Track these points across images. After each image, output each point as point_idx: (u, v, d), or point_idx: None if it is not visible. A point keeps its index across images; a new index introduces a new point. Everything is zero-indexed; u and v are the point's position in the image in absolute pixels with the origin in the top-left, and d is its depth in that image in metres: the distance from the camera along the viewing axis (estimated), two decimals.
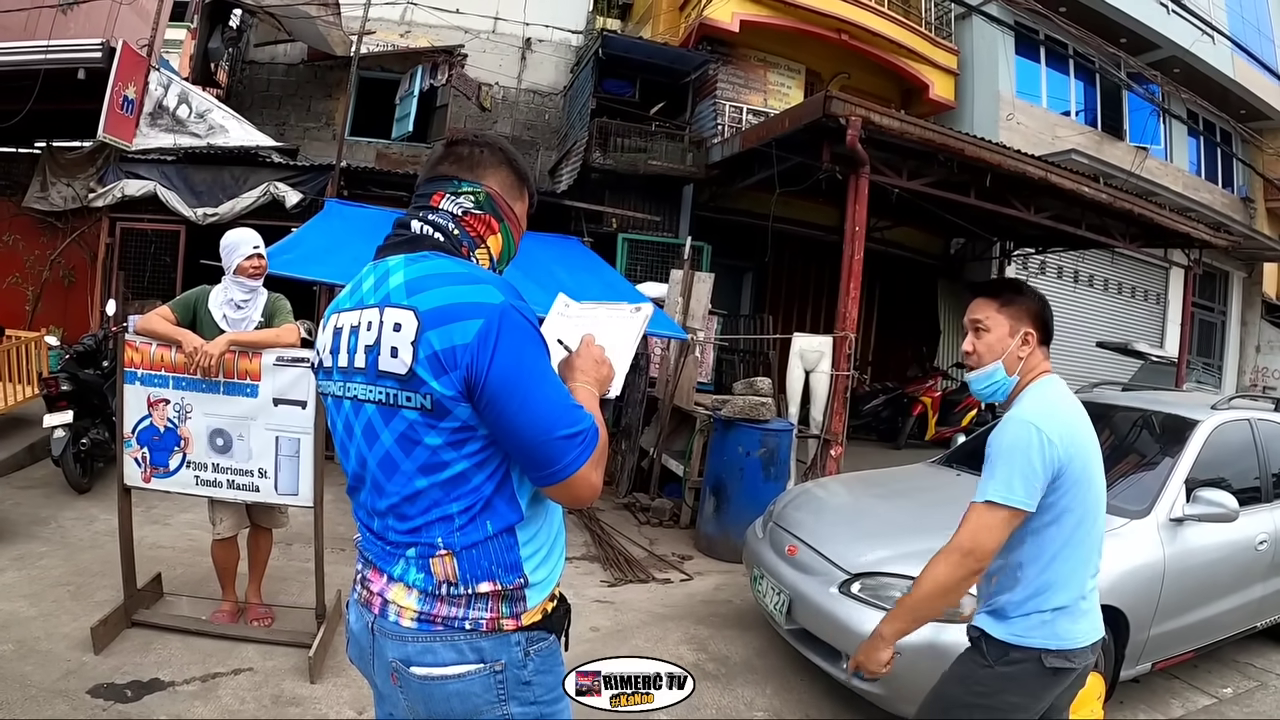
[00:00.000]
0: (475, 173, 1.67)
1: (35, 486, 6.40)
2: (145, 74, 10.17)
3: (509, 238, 1.73)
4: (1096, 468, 2.19)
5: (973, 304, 2.33)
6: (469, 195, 1.65)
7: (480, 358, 1.40)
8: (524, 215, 1.78)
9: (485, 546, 1.49)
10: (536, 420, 1.41)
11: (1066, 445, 2.08)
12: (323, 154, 12.05)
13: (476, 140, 1.72)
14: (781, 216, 10.31)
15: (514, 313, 1.44)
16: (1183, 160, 16.58)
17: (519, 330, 1.43)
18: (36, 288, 10.33)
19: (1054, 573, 2.14)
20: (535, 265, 7.82)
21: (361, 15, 11.13)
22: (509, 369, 1.41)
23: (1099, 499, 2.21)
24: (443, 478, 1.48)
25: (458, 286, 1.47)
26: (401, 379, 1.45)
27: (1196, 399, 5.47)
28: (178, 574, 4.69)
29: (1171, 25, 14.63)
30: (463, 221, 1.65)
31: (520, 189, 1.74)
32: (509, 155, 1.73)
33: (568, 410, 1.45)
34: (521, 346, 1.43)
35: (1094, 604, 2.23)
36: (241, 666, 3.74)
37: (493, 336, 1.41)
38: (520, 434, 1.43)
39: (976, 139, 8.66)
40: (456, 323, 1.42)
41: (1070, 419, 2.17)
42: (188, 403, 3.81)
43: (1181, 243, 11.54)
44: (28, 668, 3.55)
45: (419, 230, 1.61)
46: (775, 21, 12.39)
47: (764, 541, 4.51)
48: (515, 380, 1.41)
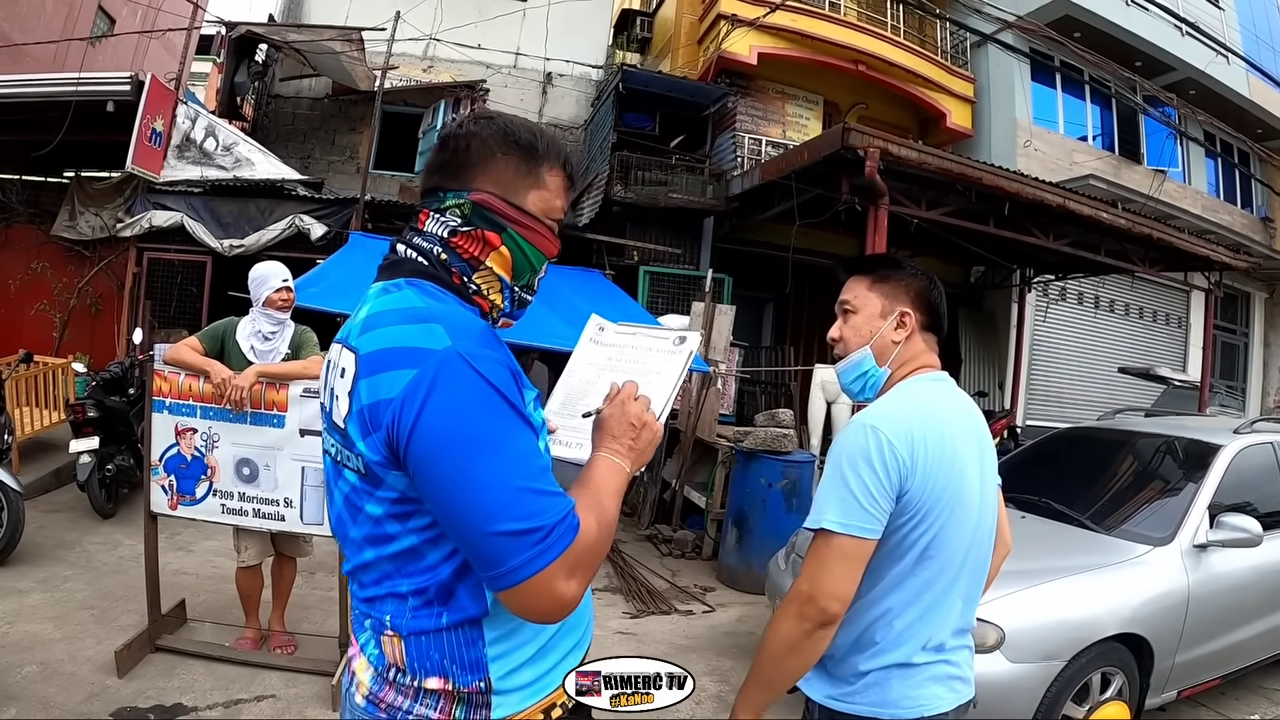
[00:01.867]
0: (461, 177, 1.33)
1: (60, 510, 6.47)
2: (173, 107, 10.36)
3: (521, 247, 1.35)
4: (966, 490, 1.72)
5: (845, 284, 1.92)
6: (454, 210, 1.32)
7: (403, 418, 1.12)
8: (547, 204, 1.37)
9: (438, 637, 1.22)
10: (470, 506, 1.09)
11: (915, 454, 1.63)
12: (347, 187, 12.19)
13: (463, 130, 1.37)
14: (802, 248, 10.33)
15: (457, 362, 1.13)
16: (1201, 182, 16.49)
17: (460, 385, 1.12)
18: (64, 315, 10.46)
19: (889, 619, 1.69)
20: (557, 298, 7.87)
21: (385, 51, 11.32)
22: (437, 435, 1.11)
23: (972, 530, 1.74)
24: (390, 551, 1.22)
25: (400, 327, 1.19)
26: (342, 434, 1.23)
27: (1219, 423, 5.44)
28: (201, 600, 4.72)
29: (1186, 47, 14.62)
30: (451, 244, 1.32)
31: (530, 172, 1.35)
32: (507, 134, 1.34)
33: (519, 496, 1.10)
34: (459, 406, 1.11)
35: (957, 663, 1.76)
36: (264, 693, 3.76)
37: (421, 392, 1.11)
38: (452, 520, 1.13)
39: (994, 167, 8.68)
40: (385, 373, 1.15)
41: (929, 423, 1.70)
42: (215, 432, 3.86)
43: (1201, 265, 11.46)
44: (52, 689, 3.59)
45: (401, 253, 1.35)
46: (793, 54, 12.49)
47: (786, 573, 4.49)
48: (445, 450, 1.10)
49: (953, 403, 1.81)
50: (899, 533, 1.65)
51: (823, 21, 12.56)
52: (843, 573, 1.60)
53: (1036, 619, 3.40)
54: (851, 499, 1.61)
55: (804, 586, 1.62)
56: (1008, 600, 3.42)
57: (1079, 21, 13.72)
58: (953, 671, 1.73)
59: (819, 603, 1.59)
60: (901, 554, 1.67)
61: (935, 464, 1.65)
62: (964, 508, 1.71)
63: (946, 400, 1.81)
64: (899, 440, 1.63)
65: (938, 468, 1.66)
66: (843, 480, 1.63)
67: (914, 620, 1.68)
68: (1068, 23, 13.62)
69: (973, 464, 1.76)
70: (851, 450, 1.65)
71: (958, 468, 1.70)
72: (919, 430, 1.66)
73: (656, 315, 9.55)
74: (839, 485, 1.63)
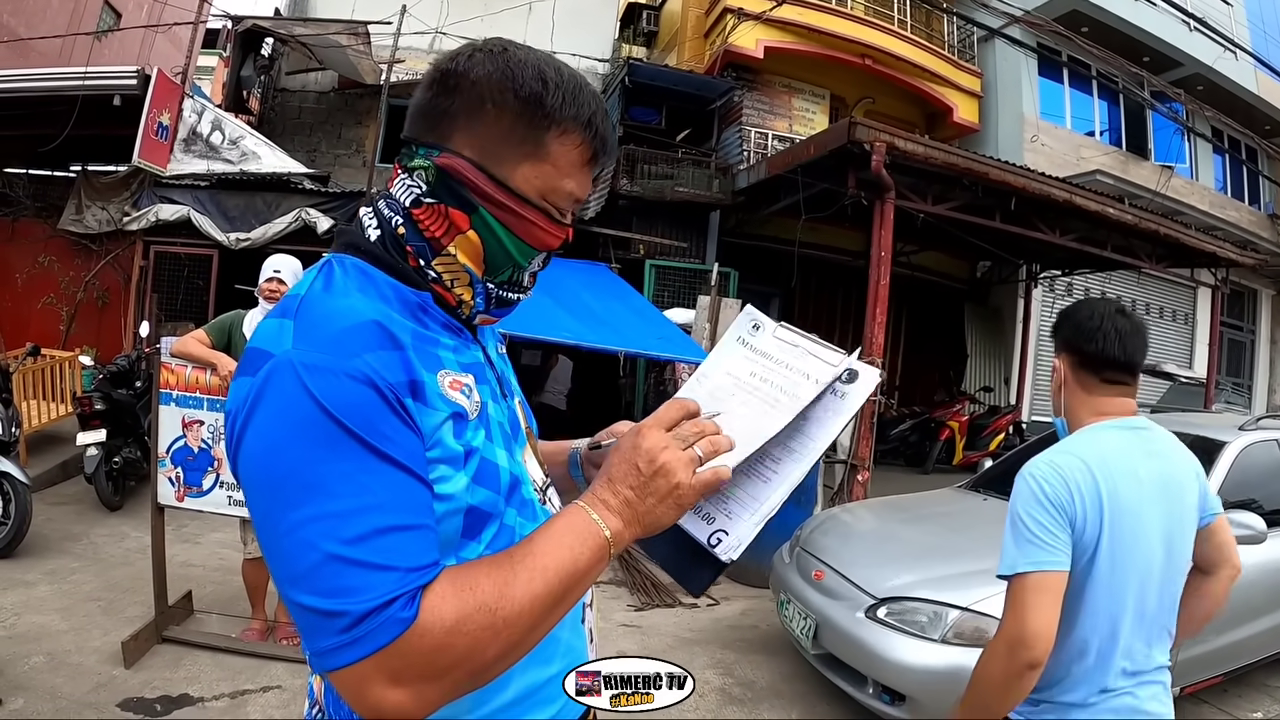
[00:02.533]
0: (438, 129, 1.02)
1: (68, 503, 6.50)
2: (179, 101, 10.38)
3: (496, 234, 1.02)
4: (1135, 533, 1.72)
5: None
6: (420, 173, 1.01)
7: (229, 439, 0.91)
8: (548, 183, 1.02)
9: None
10: (274, 561, 0.85)
11: (1072, 491, 1.69)
12: (353, 180, 12.21)
13: (456, 65, 1.01)
14: (807, 242, 10.33)
15: (286, 374, 0.85)
16: (1208, 178, 16.43)
17: (280, 406, 0.85)
18: (71, 308, 10.50)
19: (1058, 656, 1.71)
20: (563, 291, 7.87)
21: (391, 45, 11.32)
22: (249, 466, 0.87)
23: (1142, 569, 1.73)
24: None
25: (268, 320, 0.95)
26: None
27: (1224, 420, 5.42)
28: (208, 592, 4.75)
29: (1194, 43, 14.57)
30: (413, 215, 1.02)
31: (529, 136, 1.00)
32: (508, 78, 0.99)
33: (325, 565, 0.81)
34: (273, 433, 0.85)
35: (1134, 705, 1.74)
36: (270, 684, 3.78)
37: (244, 411, 0.88)
38: (271, 569, 0.88)
39: (1000, 162, 8.65)
40: (237, 377, 0.93)
41: (1091, 463, 1.73)
42: (222, 424, 3.87)
43: (1208, 262, 11.44)
44: (59, 680, 3.61)
45: (360, 219, 1.08)
46: (800, 48, 12.46)
47: (791, 567, 4.50)
48: (253, 486, 0.87)
49: (1127, 445, 1.81)
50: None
51: (830, 15, 12.53)
52: (1043, 609, 1.64)
53: None
54: (1032, 539, 1.67)
55: (1012, 630, 1.66)
56: None
57: (1087, 16, 13.67)
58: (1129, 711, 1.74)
59: (1027, 643, 1.62)
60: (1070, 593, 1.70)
61: (1093, 504, 1.69)
62: (1128, 551, 1.72)
63: (1121, 444, 1.80)
64: (1052, 481, 1.69)
65: (1095, 507, 1.69)
66: (1020, 525, 1.70)
67: (1073, 660, 1.74)
68: (1075, 17, 13.58)
69: (1151, 507, 1.75)
70: (1018, 498, 1.73)
71: (1123, 508, 1.71)
72: (1071, 470, 1.71)
73: (662, 309, 9.55)
74: (1017, 531, 1.70)
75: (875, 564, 4.06)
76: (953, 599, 3.48)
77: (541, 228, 1.03)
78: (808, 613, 4.02)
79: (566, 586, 0.91)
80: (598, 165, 1.07)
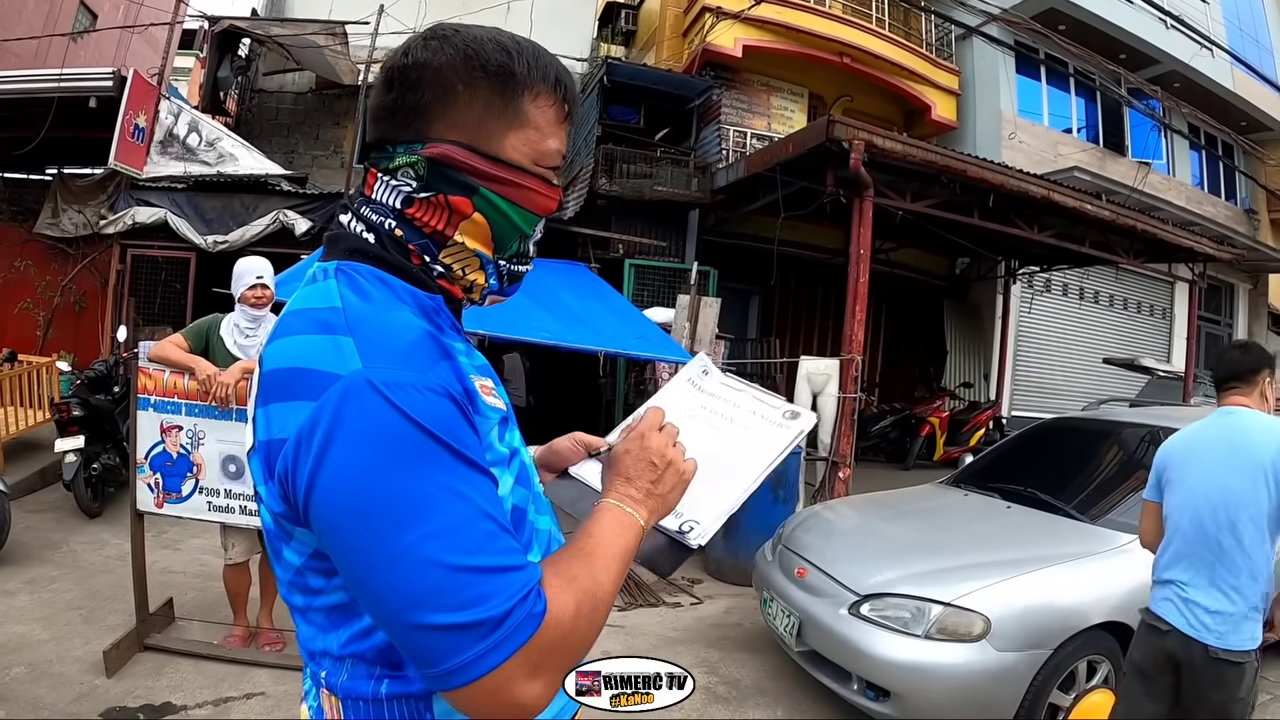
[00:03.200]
0: (413, 125, 1.00)
1: (47, 510, 6.44)
2: (156, 102, 10.28)
3: (501, 209, 1.03)
4: (1190, 484, 2.76)
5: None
6: (406, 170, 1.00)
7: (298, 470, 0.85)
8: (536, 147, 1.04)
9: (377, 706, 0.95)
10: (388, 591, 0.81)
11: (1162, 456, 2.93)
12: (331, 182, 12.14)
13: (410, 58, 1.00)
14: (787, 240, 10.35)
15: (366, 394, 0.83)
16: (1185, 174, 16.60)
17: (369, 428, 0.82)
18: (48, 313, 10.38)
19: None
20: (542, 291, 7.85)
21: (369, 45, 11.27)
22: (340, 497, 0.82)
23: (1191, 513, 2.72)
24: (318, 604, 0.97)
25: (304, 338, 0.91)
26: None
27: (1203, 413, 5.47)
28: (189, 599, 4.71)
29: (1171, 40, 14.70)
30: (406, 215, 1.02)
31: (508, 106, 1.01)
32: (470, 57, 0.99)
33: (454, 578, 0.80)
34: (368, 457, 0.82)
35: (1169, 598, 2.74)
36: (254, 691, 3.76)
37: (318, 439, 0.83)
38: (369, 605, 0.87)
39: (979, 159, 8.70)
40: (279, 403, 0.88)
41: (1181, 437, 2.94)
42: (200, 429, 3.85)
43: (1185, 257, 11.53)
44: (40, 690, 3.58)
45: (347, 225, 1.05)
46: (778, 46, 12.49)
47: (773, 564, 4.51)
48: (350, 517, 0.82)
49: (1215, 425, 2.87)
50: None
51: (808, 14, 12.56)
52: (1144, 522, 3.01)
53: (1023, 608, 3.44)
54: (1150, 485, 2.96)
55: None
56: (994, 589, 3.46)
57: (1064, 14, 13.78)
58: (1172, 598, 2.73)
59: (1140, 540, 3.08)
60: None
61: (1171, 464, 2.88)
62: (1186, 496, 2.76)
63: (1212, 424, 2.88)
64: (1160, 451, 2.98)
65: (1170, 466, 2.88)
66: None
67: (1157, 555, 2.87)
68: (1053, 15, 13.69)
69: (1211, 469, 2.72)
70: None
71: (1191, 469, 2.79)
72: (1172, 443, 2.97)
73: (642, 308, 9.54)
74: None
75: (858, 560, 4.07)
76: (936, 594, 3.50)
77: (540, 193, 1.05)
78: (791, 610, 4.03)
79: (624, 570, 1.00)
80: (571, 121, 1.09)
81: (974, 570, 3.65)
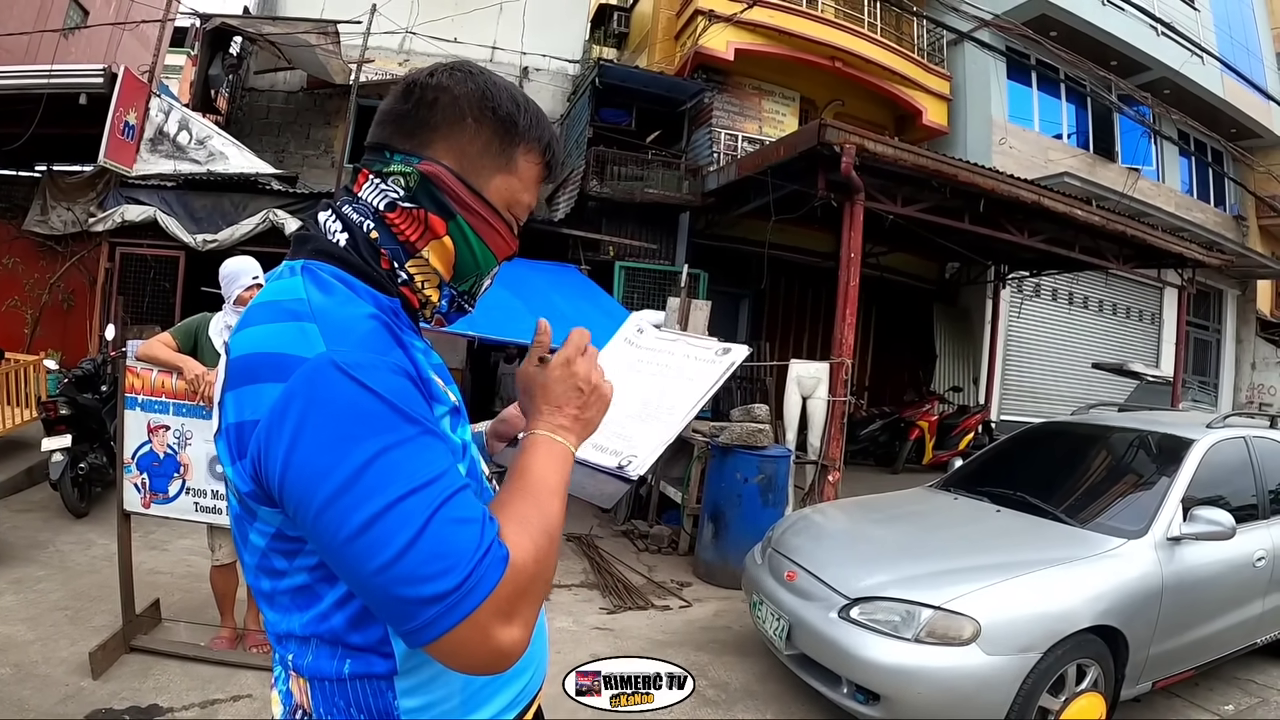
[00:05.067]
0: (416, 137, 1.08)
1: (33, 510, 6.39)
2: (146, 100, 10.25)
3: (469, 242, 1.11)
4: None
5: None
6: (398, 178, 1.08)
7: (271, 449, 0.89)
8: (513, 196, 1.13)
9: (342, 685, 1.01)
10: (363, 553, 0.85)
11: None
12: (321, 181, 12.13)
13: (434, 79, 1.10)
14: (777, 243, 10.36)
15: (331, 373, 0.88)
16: (1175, 180, 16.69)
17: (340, 405, 0.87)
18: (35, 311, 10.33)
19: None
20: (532, 292, 7.85)
21: (360, 44, 11.24)
22: (314, 473, 0.86)
23: None
24: (284, 585, 1.02)
25: (270, 326, 0.95)
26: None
27: (1192, 418, 5.51)
28: (176, 600, 4.68)
29: (1161, 47, 14.79)
30: (386, 219, 1.07)
31: (505, 150, 1.11)
32: (485, 97, 1.09)
33: (424, 533, 0.85)
34: (341, 434, 0.86)
35: None
36: (240, 693, 3.74)
37: (290, 416, 0.87)
38: (343, 569, 0.90)
39: (969, 164, 8.73)
40: (250, 385, 0.92)
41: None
42: (188, 429, 3.83)
43: (1175, 263, 11.60)
44: (26, 692, 3.54)
45: (320, 224, 1.09)
46: (770, 50, 12.51)
47: (763, 568, 4.51)
48: (324, 486, 0.86)
49: None
50: None
51: (800, 18, 12.59)
52: None
53: (1012, 612, 3.43)
54: None
55: None
56: (984, 593, 3.46)
57: (1055, 20, 13.85)
58: None
59: None
60: None
61: None
62: None
63: None
64: None
65: None
66: None
67: None
68: (1044, 21, 13.75)
69: None
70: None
71: None
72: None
73: (632, 310, 9.54)
74: None
75: (848, 564, 4.07)
76: (925, 598, 3.50)
77: (504, 239, 1.14)
78: (781, 613, 4.03)
79: (563, 500, 1.04)
80: (549, 181, 1.24)
81: (964, 574, 3.65)
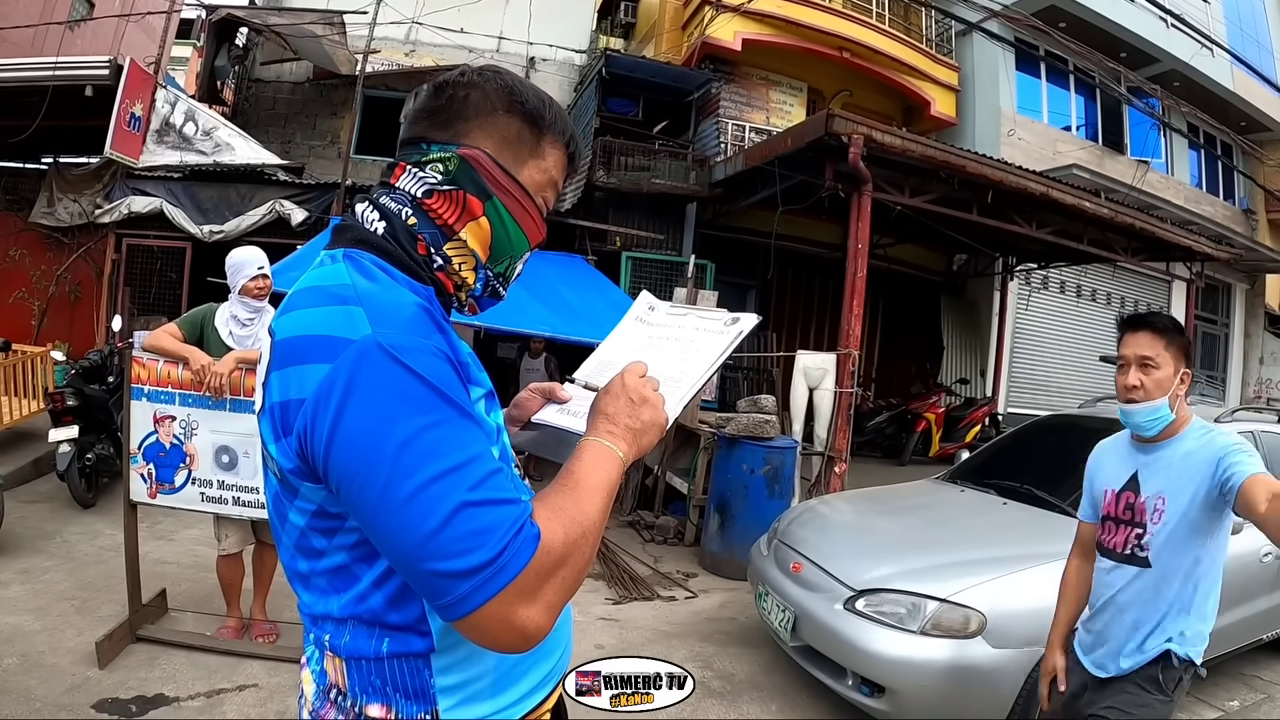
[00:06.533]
0: (453, 128, 1.16)
1: (40, 501, 6.41)
2: (152, 91, 10.25)
3: (504, 220, 1.17)
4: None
5: (1137, 338, 2.46)
6: (436, 165, 1.14)
7: (317, 425, 0.94)
8: (543, 181, 1.22)
9: (379, 664, 1.06)
10: (403, 529, 0.91)
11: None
12: (328, 172, 12.11)
13: (464, 78, 1.18)
14: (784, 234, 10.32)
15: (377, 354, 0.93)
16: (1184, 173, 16.61)
17: (383, 383, 0.92)
18: (43, 302, 10.38)
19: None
20: (540, 283, 7.84)
21: (367, 35, 11.22)
22: (359, 446, 0.92)
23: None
24: (322, 566, 1.07)
25: (315, 310, 1.01)
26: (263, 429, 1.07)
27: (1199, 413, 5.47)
28: (182, 590, 4.69)
29: (1171, 39, 14.69)
30: (424, 205, 1.14)
31: (534, 139, 1.19)
32: (514, 93, 1.18)
33: (460, 513, 0.90)
34: (383, 409, 0.92)
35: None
36: (246, 683, 3.75)
37: (336, 395, 0.93)
38: (383, 544, 0.96)
39: (977, 155, 8.69)
40: (295, 366, 0.98)
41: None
42: (194, 419, 3.83)
43: (1183, 256, 11.55)
44: (32, 681, 3.56)
45: (358, 215, 1.16)
46: (777, 40, 12.45)
47: (769, 559, 4.50)
48: (369, 463, 0.91)
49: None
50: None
51: (807, 8, 12.50)
52: None
53: (1018, 604, 3.42)
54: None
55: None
56: (989, 586, 3.45)
57: (1065, 11, 13.76)
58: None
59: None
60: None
61: None
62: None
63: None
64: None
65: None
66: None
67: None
68: (1053, 12, 13.66)
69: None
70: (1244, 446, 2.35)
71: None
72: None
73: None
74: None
75: (853, 556, 4.06)
76: (931, 590, 3.49)
77: (535, 222, 1.22)
78: (786, 605, 4.03)
79: (608, 500, 1.07)
80: (572, 174, 1.30)
81: (969, 566, 3.65)
